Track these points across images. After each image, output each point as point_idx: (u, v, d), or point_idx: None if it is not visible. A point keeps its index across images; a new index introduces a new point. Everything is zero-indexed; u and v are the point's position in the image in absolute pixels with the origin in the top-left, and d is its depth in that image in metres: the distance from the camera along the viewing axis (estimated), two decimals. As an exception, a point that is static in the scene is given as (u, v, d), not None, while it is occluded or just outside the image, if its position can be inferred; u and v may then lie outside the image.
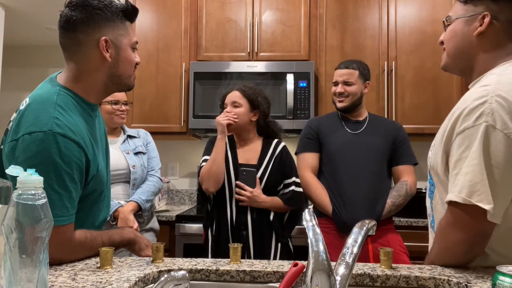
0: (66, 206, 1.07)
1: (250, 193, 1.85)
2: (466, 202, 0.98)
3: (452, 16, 1.18)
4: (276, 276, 1.05)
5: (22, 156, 1.04)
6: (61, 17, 1.14)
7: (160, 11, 3.01)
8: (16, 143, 1.06)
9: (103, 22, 1.13)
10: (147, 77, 2.97)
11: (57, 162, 1.04)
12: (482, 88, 1.04)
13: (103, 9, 1.12)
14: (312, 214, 0.79)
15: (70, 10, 1.11)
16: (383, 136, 2.07)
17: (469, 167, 0.99)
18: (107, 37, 1.13)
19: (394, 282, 1.01)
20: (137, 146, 2.24)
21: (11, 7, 3.66)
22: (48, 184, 0.97)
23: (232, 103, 1.95)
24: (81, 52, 1.14)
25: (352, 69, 2.08)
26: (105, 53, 1.13)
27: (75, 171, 1.07)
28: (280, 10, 2.93)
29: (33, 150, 1.03)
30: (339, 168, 2.03)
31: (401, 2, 2.87)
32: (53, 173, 1.03)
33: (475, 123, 0.99)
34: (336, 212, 1.98)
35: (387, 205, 1.97)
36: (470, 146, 1.00)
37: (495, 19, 1.11)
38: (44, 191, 0.78)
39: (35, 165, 0.92)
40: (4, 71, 3.90)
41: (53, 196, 1.03)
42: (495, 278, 0.78)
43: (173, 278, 0.76)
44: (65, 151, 1.05)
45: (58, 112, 1.08)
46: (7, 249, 0.74)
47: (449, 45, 1.19)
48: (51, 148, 1.03)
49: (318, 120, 2.20)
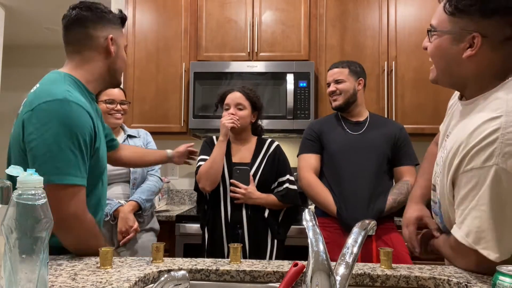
0: (80, 167, 1.14)
1: (244, 190, 1.88)
2: (472, 247, 0.96)
3: (437, 27, 1.07)
4: (276, 276, 1.05)
5: (39, 122, 1.11)
6: (71, 16, 1.28)
7: (160, 11, 3.01)
8: (32, 113, 1.13)
9: (108, 23, 1.31)
10: (147, 77, 2.97)
11: (72, 125, 1.12)
12: (491, 122, 0.95)
13: (108, 13, 1.31)
14: (312, 214, 0.79)
15: (81, 10, 1.27)
16: (384, 136, 2.07)
17: (477, 212, 0.95)
18: (112, 36, 1.30)
19: (394, 282, 1.01)
20: (137, 146, 2.24)
21: (11, 7, 3.67)
22: (63, 145, 1.10)
23: (236, 105, 1.96)
24: (89, 46, 1.28)
25: (341, 68, 2.12)
26: (111, 48, 1.30)
27: (87, 135, 1.16)
28: (280, 10, 2.93)
29: (49, 115, 1.11)
30: (340, 169, 2.03)
31: (401, 2, 2.87)
32: (68, 135, 1.12)
33: (484, 165, 0.93)
34: (339, 212, 1.98)
35: (389, 202, 1.97)
36: (478, 188, 0.94)
37: (486, 39, 0.99)
38: (44, 191, 0.78)
39: (51, 128, 1.10)
40: (4, 71, 3.91)
41: (69, 156, 1.11)
42: (495, 278, 0.78)
43: (173, 278, 0.76)
44: (79, 116, 1.15)
45: (69, 87, 1.19)
46: (7, 249, 0.74)
47: (436, 62, 1.11)
48: (66, 112, 1.12)
49: (319, 122, 2.21)
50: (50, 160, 1.10)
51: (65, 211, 1.12)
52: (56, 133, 1.10)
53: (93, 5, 1.29)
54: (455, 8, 1.02)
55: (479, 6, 0.98)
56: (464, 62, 1.03)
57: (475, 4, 0.99)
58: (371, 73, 2.82)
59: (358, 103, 2.12)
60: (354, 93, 2.10)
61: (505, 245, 0.93)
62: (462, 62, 1.04)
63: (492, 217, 0.93)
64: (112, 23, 1.32)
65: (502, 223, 0.93)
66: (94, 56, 1.29)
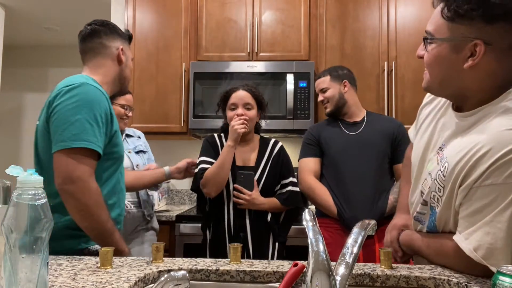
0: (97, 136, 1.30)
1: (248, 197, 1.83)
2: (481, 262, 0.91)
3: (435, 35, 0.98)
4: (276, 276, 1.05)
5: (61, 100, 1.30)
6: (87, 30, 1.51)
7: (160, 11, 3.01)
8: (55, 95, 1.33)
9: (119, 37, 1.54)
10: (147, 77, 2.97)
11: (89, 100, 1.31)
12: None
13: (119, 29, 1.56)
14: (312, 214, 0.79)
15: (96, 25, 1.51)
16: (382, 134, 2.08)
17: (491, 228, 0.89)
18: (122, 47, 1.53)
19: (394, 282, 1.01)
20: (137, 145, 2.25)
21: (11, 7, 3.67)
22: (80, 116, 1.27)
23: (244, 105, 1.89)
24: (103, 54, 1.50)
25: (323, 77, 2.18)
26: (122, 57, 1.52)
27: (103, 112, 1.33)
28: (280, 10, 2.93)
29: (70, 94, 1.31)
30: (340, 170, 2.04)
31: (401, 2, 2.87)
32: (86, 109, 1.29)
33: (507, 181, 0.87)
34: (340, 213, 1.98)
35: (390, 202, 1.97)
36: (496, 204, 0.89)
37: (490, 47, 0.91)
38: (44, 191, 0.78)
39: (71, 103, 1.28)
40: (4, 71, 3.90)
41: (85, 125, 1.28)
42: (495, 278, 0.78)
43: (173, 278, 0.76)
44: (96, 95, 1.33)
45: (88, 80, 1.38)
46: (7, 249, 0.74)
47: (432, 71, 1.02)
48: (85, 91, 1.32)
49: (317, 126, 2.23)
50: (68, 128, 1.26)
51: (72, 173, 1.24)
52: (75, 107, 1.29)
53: (106, 21, 1.54)
54: (454, 13, 0.93)
55: (482, 10, 0.89)
56: (465, 72, 0.95)
57: (477, 8, 0.89)
58: (371, 73, 2.82)
59: (350, 104, 2.15)
60: (341, 96, 2.14)
61: None
62: (462, 72, 0.95)
63: (507, 236, 0.88)
64: (122, 37, 1.55)
65: None
66: (107, 62, 1.50)
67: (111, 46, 1.50)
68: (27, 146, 4.76)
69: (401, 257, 1.24)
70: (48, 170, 1.30)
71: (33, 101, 4.79)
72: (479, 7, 0.89)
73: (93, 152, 1.29)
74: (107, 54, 1.50)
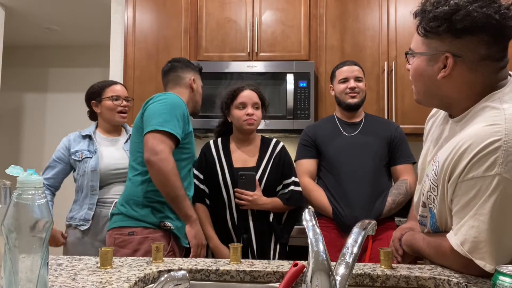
0: (176, 126, 1.70)
1: (251, 197, 1.82)
2: (467, 256, 0.94)
3: (415, 50, 1.07)
4: (276, 276, 1.05)
5: (152, 102, 1.76)
6: (167, 66, 1.99)
7: (160, 11, 3.01)
8: (149, 101, 1.80)
9: (191, 70, 1.99)
10: (147, 77, 2.97)
11: (174, 103, 1.75)
12: (491, 130, 0.92)
13: (191, 64, 2.02)
14: (312, 214, 0.79)
15: (174, 62, 2.00)
16: (379, 136, 2.08)
17: (475, 221, 0.92)
18: (194, 78, 1.97)
19: (394, 282, 1.02)
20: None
21: (11, 7, 3.67)
22: (166, 110, 1.71)
23: (253, 104, 1.90)
24: (180, 83, 1.95)
25: (359, 68, 2.14)
26: (193, 85, 1.97)
27: (182, 113, 1.75)
28: (280, 10, 2.93)
29: (160, 98, 1.77)
30: (338, 171, 2.04)
31: (401, 2, 2.87)
32: (171, 107, 1.72)
33: (486, 174, 0.90)
34: (337, 213, 1.98)
35: (388, 203, 1.97)
36: (478, 197, 0.92)
37: (460, 59, 0.98)
38: (44, 191, 0.78)
39: (160, 103, 1.73)
40: (4, 71, 3.90)
41: (169, 118, 1.69)
42: (495, 278, 0.78)
43: (173, 278, 0.76)
44: (179, 102, 1.78)
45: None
46: (7, 249, 0.74)
47: (416, 84, 1.10)
48: (171, 97, 1.77)
49: (314, 127, 2.21)
50: (156, 117, 1.69)
51: (156, 148, 1.63)
52: (162, 104, 1.72)
53: (181, 58, 2.05)
54: (424, 30, 1.02)
55: (446, 26, 0.97)
56: (441, 82, 1.02)
57: (441, 24, 0.97)
58: (371, 73, 2.82)
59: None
60: (365, 94, 2.14)
61: (501, 257, 0.91)
62: (438, 83, 1.03)
63: (490, 228, 0.91)
64: (194, 70, 1.99)
65: (500, 234, 0.91)
66: (183, 90, 1.94)
67: (185, 77, 1.95)
68: (27, 146, 4.76)
69: (401, 256, 1.25)
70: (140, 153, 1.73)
71: (33, 101, 4.79)
72: (442, 23, 0.97)
73: (172, 137, 1.69)
74: (182, 84, 1.94)
